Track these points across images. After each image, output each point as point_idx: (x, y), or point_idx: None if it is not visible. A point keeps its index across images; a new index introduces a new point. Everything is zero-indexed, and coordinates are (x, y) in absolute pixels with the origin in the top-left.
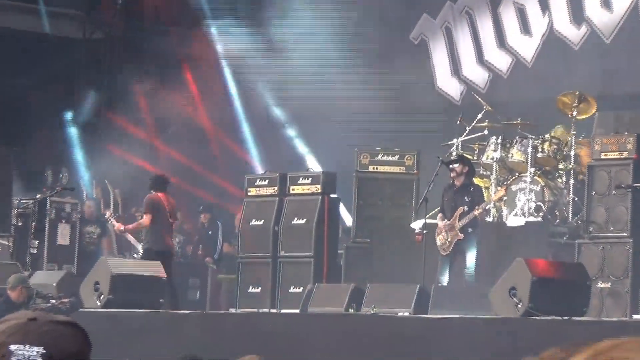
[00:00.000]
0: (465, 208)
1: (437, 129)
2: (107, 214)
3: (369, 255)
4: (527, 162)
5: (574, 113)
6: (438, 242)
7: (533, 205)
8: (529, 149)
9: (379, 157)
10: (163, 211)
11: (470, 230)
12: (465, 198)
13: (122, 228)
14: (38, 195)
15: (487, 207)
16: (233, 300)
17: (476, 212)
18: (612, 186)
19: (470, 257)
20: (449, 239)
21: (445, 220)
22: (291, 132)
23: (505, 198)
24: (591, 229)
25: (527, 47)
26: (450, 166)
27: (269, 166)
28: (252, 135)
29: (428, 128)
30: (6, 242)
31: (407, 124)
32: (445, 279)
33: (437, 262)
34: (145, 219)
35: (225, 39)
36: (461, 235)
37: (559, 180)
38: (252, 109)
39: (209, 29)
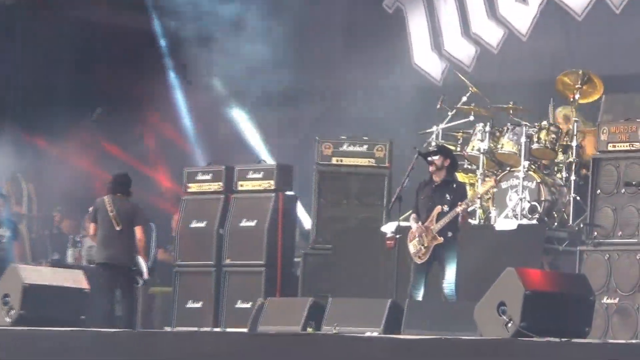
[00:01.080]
0: (445, 208)
1: (413, 114)
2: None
3: (331, 264)
4: (520, 154)
5: (577, 96)
6: (412, 249)
7: (527, 205)
8: (523, 139)
9: (344, 147)
10: (105, 217)
11: (450, 234)
12: (446, 196)
13: None
14: None
15: (471, 204)
16: (169, 317)
17: (458, 210)
18: (621, 183)
19: (451, 267)
20: (425, 245)
21: (420, 222)
22: (240, 117)
23: (495, 190)
24: (595, 233)
25: (522, 18)
26: (429, 158)
27: (213, 157)
28: (193, 121)
29: (403, 113)
30: None
31: (377, 108)
32: (420, 292)
33: (410, 273)
34: (89, 228)
35: (164, 13)
36: (440, 239)
37: (558, 175)
38: (193, 90)
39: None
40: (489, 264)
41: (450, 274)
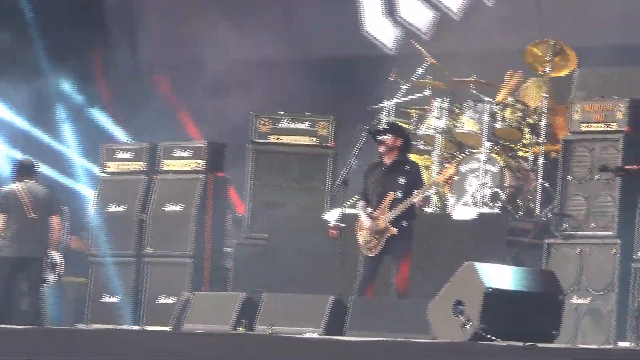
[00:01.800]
0: (399, 194)
1: (362, 87)
2: None
3: (267, 255)
4: (481, 134)
5: (547, 69)
6: (361, 240)
7: (488, 191)
8: (485, 117)
9: (283, 123)
10: (17, 206)
11: (405, 223)
12: (399, 180)
13: None
14: None
15: (429, 192)
16: (81, 312)
17: (415, 199)
18: (595, 168)
19: (404, 260)
20: (377, 236)
21: (370, 209)
22: (165, 87)
23: (457, 178)
24: (565, 225)
25: None
26: (379, 137)
27: (135, 133)
28: (113, 92)
29: (350, 86)
30: None
31: (322, 81)
32: (369, 289)
33: (357, 266)
34: None
35: None
36: (394, 230)
37: (524, 158)
38: (112, 56)
39: None
40: (445, 258)
41: (403, 268)
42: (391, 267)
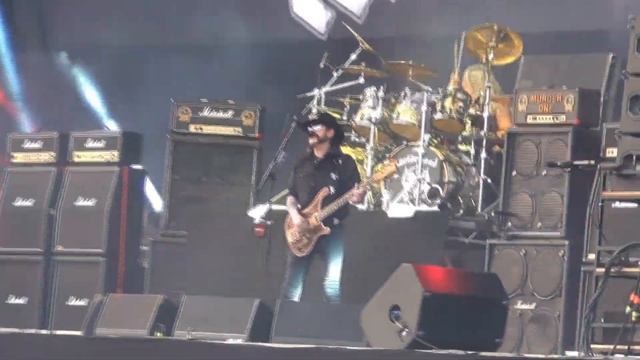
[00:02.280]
0: (332, 190)
1: (290, 74)
2: None
3: (187, 254)
4: (419, 126)
5: (490, 56)
6: (289, 239)
7: (426, 188)
8: (423, 107)
9: (205, 112)
10: None
11: (336, 222)
12: (332, 175)
13: None
14: None
15: (368, 190)
16: None
17: (353, 198)
18: (542, 164)
19: (336, 261)
20: (307, 234)
21: (300, 205)
22: (79, 74)
23: (396, 177)
24: (510, 224)
25: None
26: (309, 128)
27: (45, 122)
28: (18, 76)
29: (277, 73)
30: None
31: (247, 66)
32: (297, 292)
33: (285, 267)
34: None
35: None
36: (326, 229)
37: (465, 152)
38: (20, 39)
39: None
40: (380, 259)
41: (334, 269)
42: (321, 269)
